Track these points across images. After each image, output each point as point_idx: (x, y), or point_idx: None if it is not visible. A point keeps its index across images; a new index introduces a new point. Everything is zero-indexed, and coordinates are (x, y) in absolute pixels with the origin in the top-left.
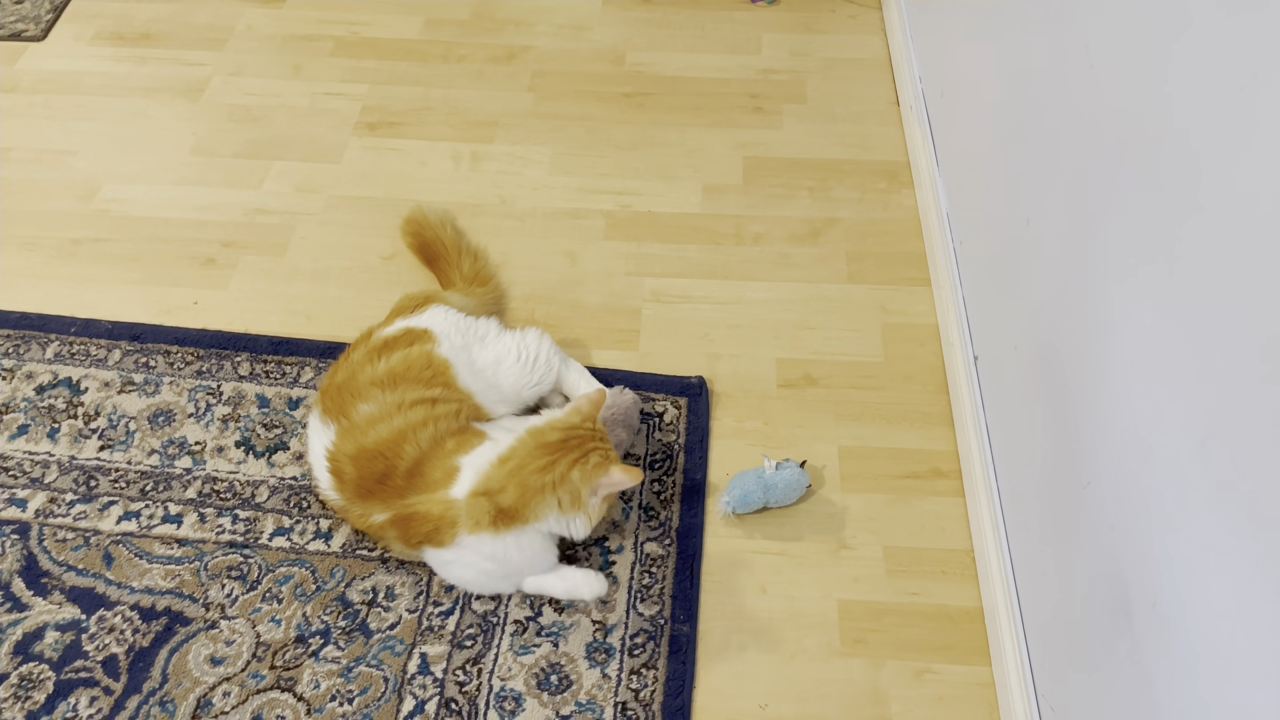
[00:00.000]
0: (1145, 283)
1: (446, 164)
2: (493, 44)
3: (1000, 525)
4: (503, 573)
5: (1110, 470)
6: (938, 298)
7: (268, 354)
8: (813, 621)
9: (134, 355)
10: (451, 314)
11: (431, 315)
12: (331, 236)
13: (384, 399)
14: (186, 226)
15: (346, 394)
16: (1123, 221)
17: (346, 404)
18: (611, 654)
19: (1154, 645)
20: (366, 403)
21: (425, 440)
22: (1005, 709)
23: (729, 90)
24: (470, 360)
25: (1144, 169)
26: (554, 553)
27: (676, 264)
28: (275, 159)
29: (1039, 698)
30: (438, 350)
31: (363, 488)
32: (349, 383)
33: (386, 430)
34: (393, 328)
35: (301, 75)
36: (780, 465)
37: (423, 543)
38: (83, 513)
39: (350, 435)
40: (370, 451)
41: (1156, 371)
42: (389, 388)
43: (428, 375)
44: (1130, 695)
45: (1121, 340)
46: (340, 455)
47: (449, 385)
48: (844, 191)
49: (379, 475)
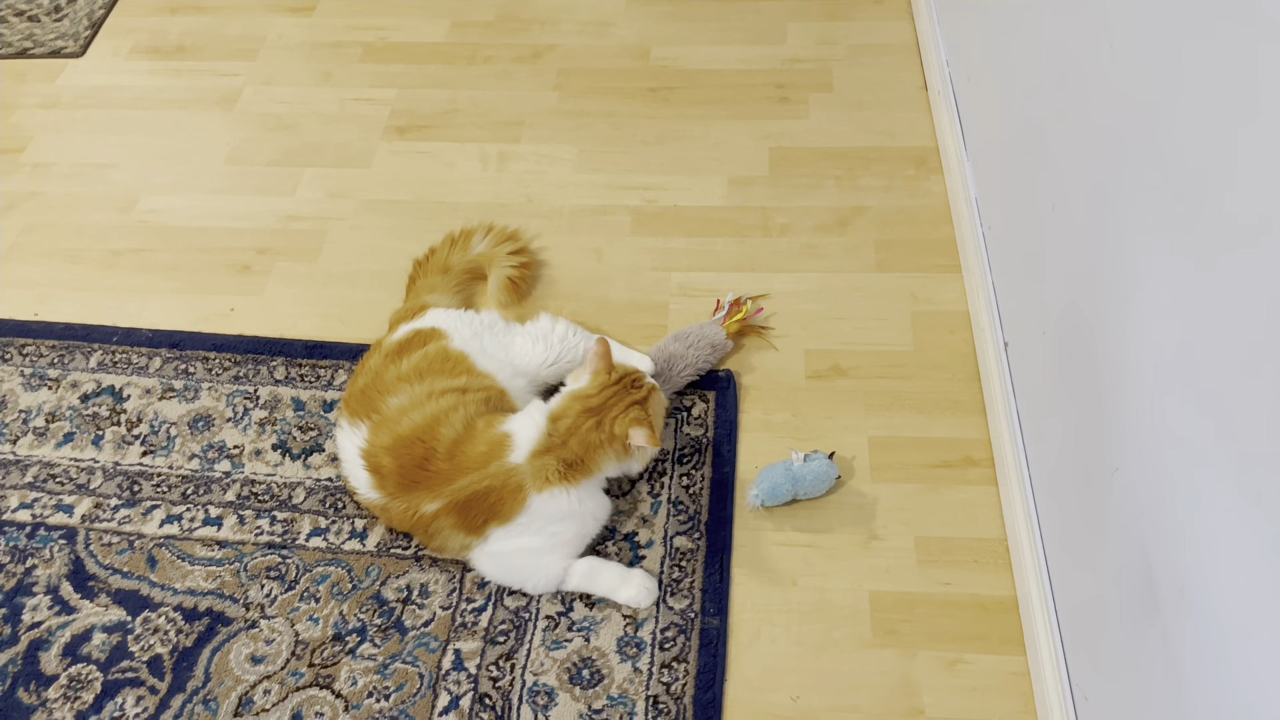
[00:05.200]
0: (1170, 266)
1: (474, 165)
2: (518, 44)
3: (1033, 513)
4: (571, 531)
5: (1137, 456)
6: (968, 284)
7: (302, 358)
8: (844, 613)
9: (173, 362)
10: (451, 312)
11: (433, 317)
12: (363, 240)
13: (413, 391)
14: (223, 235)
15: (373, 394)
16: (1146, 204)
17: (375, 402)
18: (642, 648)
19: (1182, 631)
20: (395, 396)
21: (459, 421)
22: (1040, 698)
23: (754, 81)
24: (483, 348)
25: (1167, 151)
26: (609, 509)
27: (703, 258)
28: (307, 165)
29: (1073, 686)
30: (452, 345)
31: (405, 478)
32: (373, 384)
33: (420, 416)
34: (400, 334)
35: (331, 82)
36: (809, 457)
37: (488, 522)
38: (127, 517)
39: (383, 428)
40: (407, 438)
41: (1182, 355)
42: (416, 381)
43: (449, 367)
44: (1160, 682)
45: (1146, 324)
46: (376, 449)
47: (471, 373)
48: (871, 180)
49: (419, 460)
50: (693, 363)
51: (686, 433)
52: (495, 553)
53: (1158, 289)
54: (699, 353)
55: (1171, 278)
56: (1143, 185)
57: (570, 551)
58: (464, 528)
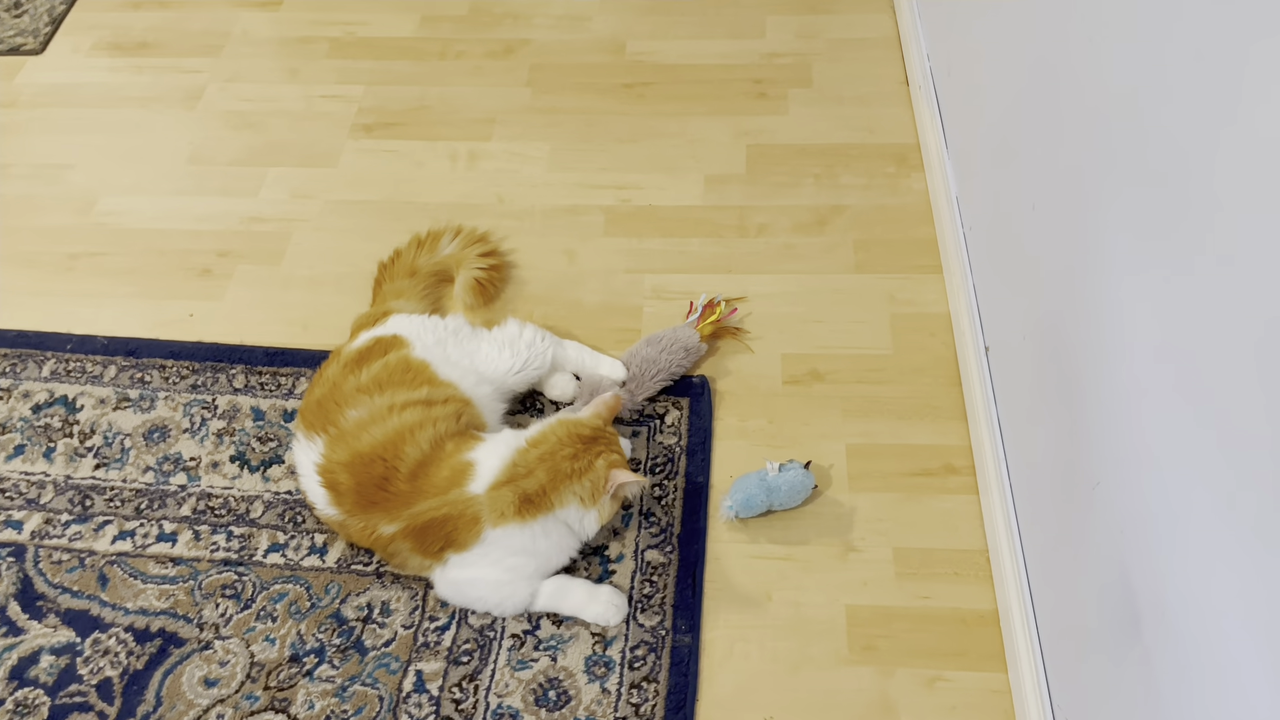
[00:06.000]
0: (1152, 273)
1: (443, 164)
2: (490, 39)
3: (1014, 524)
4: (531, 567)
5: (1118, 471)
6: (949, 285)
7: (263, 365)
8: (820, 628)
9: (129, 371)
10: (414, 318)
11: (395, 323)
12: (327, 243)
13: (373, 403)
14: (183, 237)
15: (330, 405)
16: (1126, 206)
17: (331, 414)
18: (611, 667)
19: (1162, 656)
20: (354, 408)
21: (425, 441)
22: (1021, 718)
23: (732, 76)
24: (446, 355)
25: (1150, 152)
26: (575, 546)
27: (678, 259)
28: (271, 165)
29: (1054, 707)
30: (413, 353)
31: (363, 497)
32: (331, 395)
33: (381, 432)
34: (360, 342)
35: (297, 78)
36: (784, 467)
37: (444, 549)
38: (78, 533)
39: (341, 442)
40: (366, 455)
41: (1165, 368)
42: (376, 392)
43: (410, 378)
44: (1139, 707)
45: (1128, 333)
46: (333, 465)
47: (433, 383)
48: (851, 177)
49: (378, 480)
50: (665, 367)
51: (659, 441)
52: (454, 580)
53: (1137, 297)
54: (672, 357)
55: (1152, 286)
56: (1123, 185)
57: (533, 581)
58: (422, 552)
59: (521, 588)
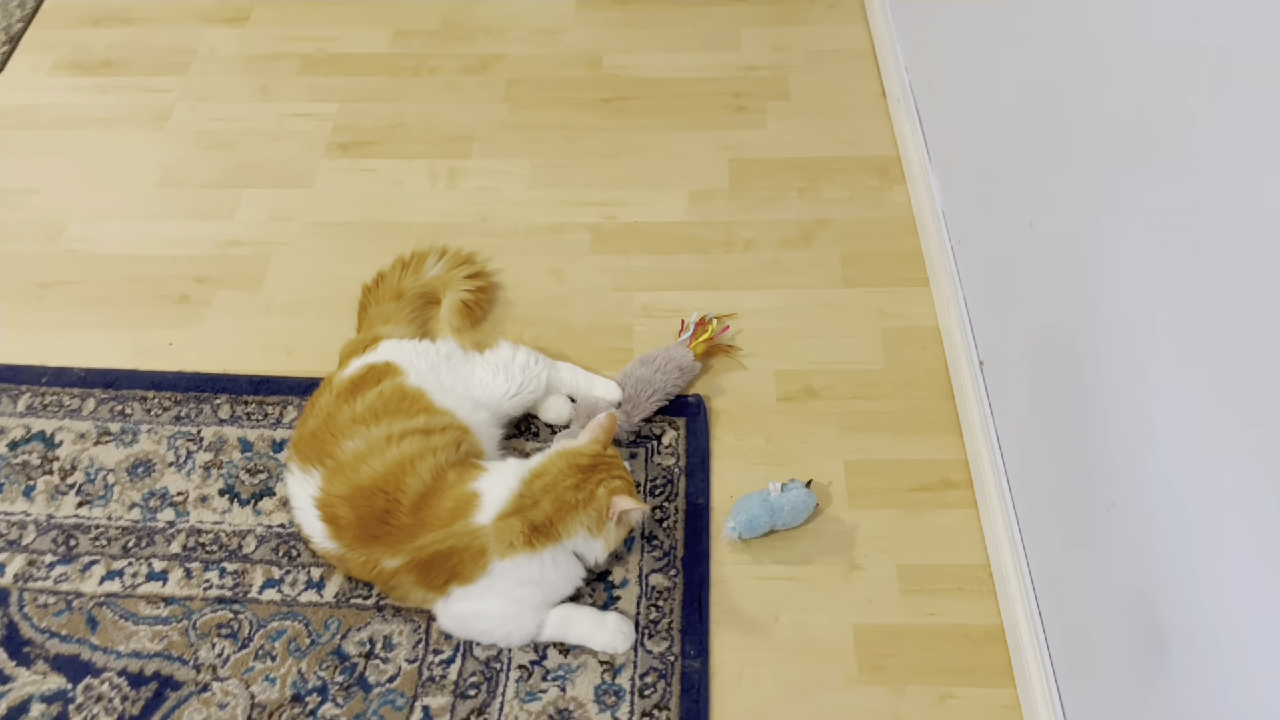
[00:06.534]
0: (1164, 287)
1: (423, 183)
2: (464, 54)
3: (1017, 539)
4: (538, 597)
5: (1136, 492)
6: (937, 299)
7: (248, 394)
8: (828, 649)
9: (109, 403)
10: (406, 344)
11: (387, 350)
12: (308, 266)
13: (370, 434)
14: (157, 263)
15: (325, 436)
16: (1137, 221)
17: (328, 446)
18: (621, 696)
19: (1191, 681)
20: (351, 440)
21: (427, 472)
22: None
23: (710, 90)
24: (440, 382)
25: (1157, 162)
26: (582, 574)
27: (666, 276)
28: (246, 187)
29: None
30: (408, 381)
31: (364, 531)
32: (326, 426)
33: (380, 464)
34: (352, 370)
35: (269, 97)
36: (786, 486)
37: (449, 582)
38: (64, 574)
39: (339, 475)
40: (366, 488)
41: (1182, 384)
42: (372, 422)
43: (406, 406)
44: None
45: (1141, 351)
46: (332, 499)
47: (430, 411)
48: (834, 190)
49: (380, 513)
50: (661, 387)
51: (657, 462)
52: (459, 613)
53: (1151, 313)
54: (667, 377)
55: (1164, 300)
56: (1130, 201)
57: (539, 611)
58: (425, 585)
59: (528, 619)
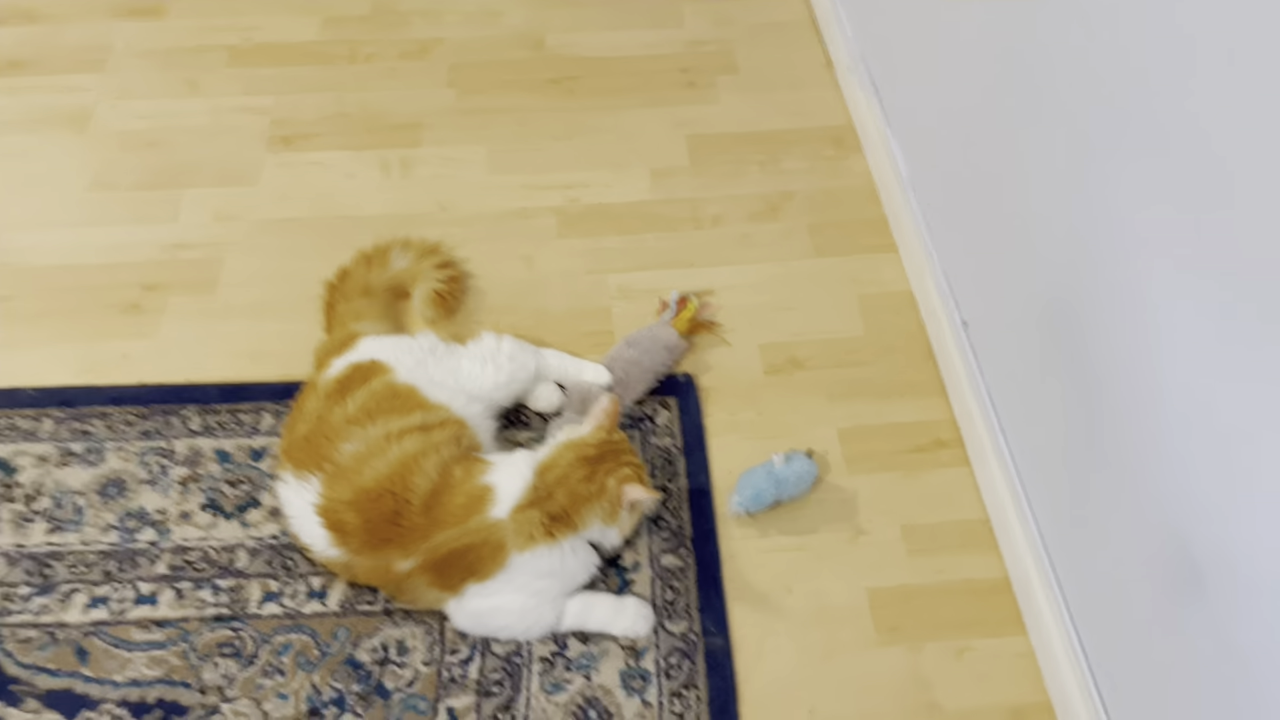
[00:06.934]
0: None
1: (375, 174)
2: (401, 39)
3: (1019, 490)
4: (557, 588)
5: (1159, 434)
6: (908, 264)
7: (218, 404)
8: (844, 615)
9: (67, 423)
10: (386, 340)
11: (368, 348)
12: (263, 266)
13: (367, 434)
14: (99, 272)
15: (319, 440)
16: (1135, 171)
17: (323, 450)
18: (648, 678)
19: (1236, 614)
20: (348, 442)
21: (433, 469)
22: (1053, 679)
23: (658, 67)
24: (430, 377)
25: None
26: (597, 561)
27: (638, 256)
28: (186, 186)
29: (1092, 668)
30: (397, 378)
31: (373, 534)
32: (318, 430)
33: (384, 465)
34: (335, 370)
35: (198, 91)
36: (789, 457)
37: (466, 579)
38: (44, 606)
39: (341, 480)
40: (372, 491)
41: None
42: (367, 422)
43: (399, 404)
44: (1214, 666)
45: (1155, 296)
46: (336, 504)
47: (425, 407)
48: (793, 162)
49: (389, 515)
50: (651, 368)
51: (654, 443)
52: (475, 611)
53: (1160, 256)
54: (655, 357)
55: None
56: (1124, 148)
57: (558, 602)
58: (440, 585)
59: (548, 610)
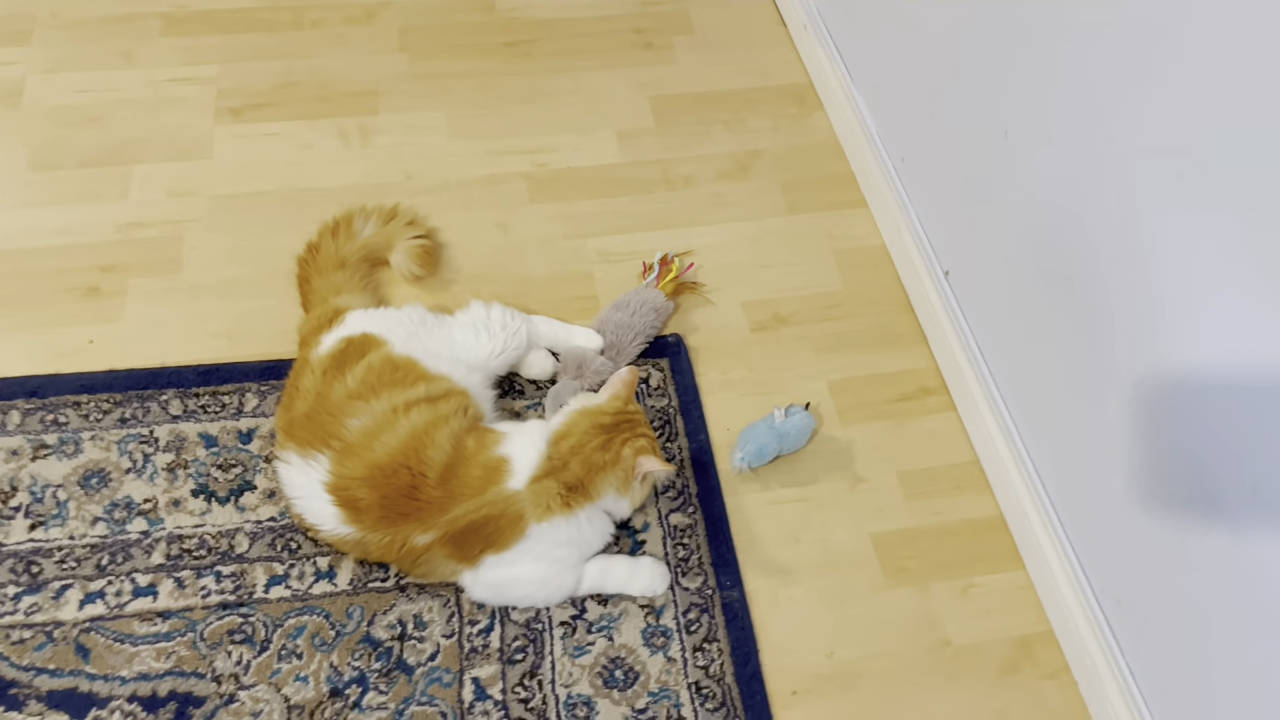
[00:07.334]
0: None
1: (334, 143)
2: (346, 3)
3: (1012, 431)
4: (575, 556)
5: (1169, 369)
6: (880, 218)
7: (197, 386)
8: (852, 560)
9: (38, 414)
10: (374, 313)
11: (357, 321)
12: (228, 242)
13: (372, 408)
14: (50, 255)
15: (323, 418)
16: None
17: (329, 427)
18: (669, 635)
19: (1258, 525)
20: (354, 417)
21: (446, 441)
22: (1055, 608)
23: (613, 28)
24: (426, 348)
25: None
26: (612, 529)
27: (613, 219)
28: (134, 163)
29: (1095, 592)
30: (394, 350)
31: (390, 510)
32: (320, 407)
33: (395, 439)
34: (327, 346)
35: (135, 62)
36: (788, 411)
37: (484, 550)
38: (34, 605)
39: (351, 456)
40: (386, 466)
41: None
42: (371, 397)
43: (400, 376)
44: (1235, 575)
45: (1145, 225)
46: (347, 481)
47: (427, 378)
48: (757, 121)
49: (406, 490)
50: (641, 330)
51: (650, 404)
52: (494, 581)
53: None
54: (644, 319)
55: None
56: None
57: (576, 568)
58: (459, 557)
59: (568, 576)
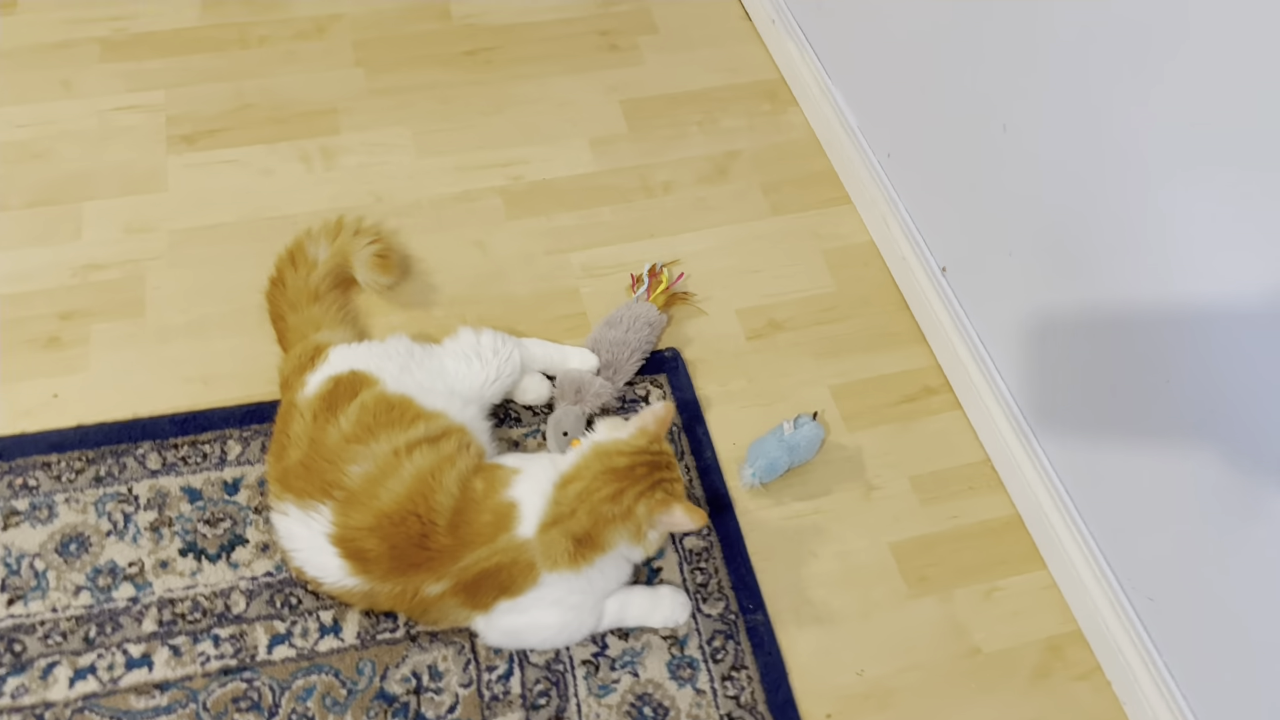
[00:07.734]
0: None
1: (295, 167)
2: (294, 18)
3: (1023, 427)
4: (592, 600)
5: (1202, 364)
6: (866, 215)
7: (175, 437)
8: (872, 573)
9: (4, 478)
10: (359, 348)
11: (342, 358)
12: (193, 279)
13: (372, 452)
14: (3, 305)
15: (321, 465)
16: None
17: (329, 475)
18: (696, 666)
19: None
20: (354, 464)
21: (453, 484)
22: (1081, 606)
23: (575, 31)
24: (419, 383)
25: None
26: (630, 567)
27: (595, 231)
28: (85, 199)
29: (1125, 588)
30: (387, 388)
31: (400, 560)
32: (316, 454)
33: (400, 485)
34: (314, 388)
35: (74, 91)
36: (797, 422)
37: (499, 597)
38: (21, 687)
39: (356, 505)
40: (394, 514)
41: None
42: (368, 439)
43: (396, 416)
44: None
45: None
46: (354, 531)
47: (424, 416)
48: (732, 120)
49: (416, 538)
50: (638, 346)
51: None
52: (510, 628)
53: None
54: (639, 334)
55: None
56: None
57: (596, 608)
58: (471, 605)
59: (586, 618)
